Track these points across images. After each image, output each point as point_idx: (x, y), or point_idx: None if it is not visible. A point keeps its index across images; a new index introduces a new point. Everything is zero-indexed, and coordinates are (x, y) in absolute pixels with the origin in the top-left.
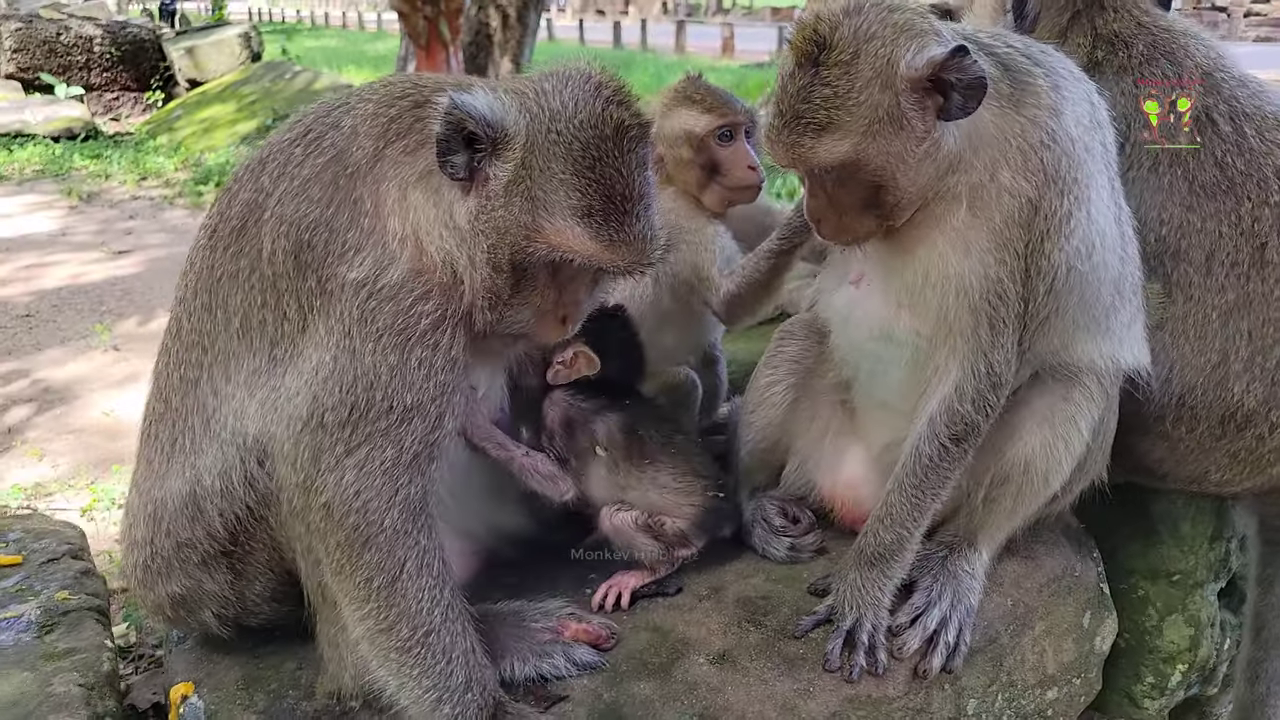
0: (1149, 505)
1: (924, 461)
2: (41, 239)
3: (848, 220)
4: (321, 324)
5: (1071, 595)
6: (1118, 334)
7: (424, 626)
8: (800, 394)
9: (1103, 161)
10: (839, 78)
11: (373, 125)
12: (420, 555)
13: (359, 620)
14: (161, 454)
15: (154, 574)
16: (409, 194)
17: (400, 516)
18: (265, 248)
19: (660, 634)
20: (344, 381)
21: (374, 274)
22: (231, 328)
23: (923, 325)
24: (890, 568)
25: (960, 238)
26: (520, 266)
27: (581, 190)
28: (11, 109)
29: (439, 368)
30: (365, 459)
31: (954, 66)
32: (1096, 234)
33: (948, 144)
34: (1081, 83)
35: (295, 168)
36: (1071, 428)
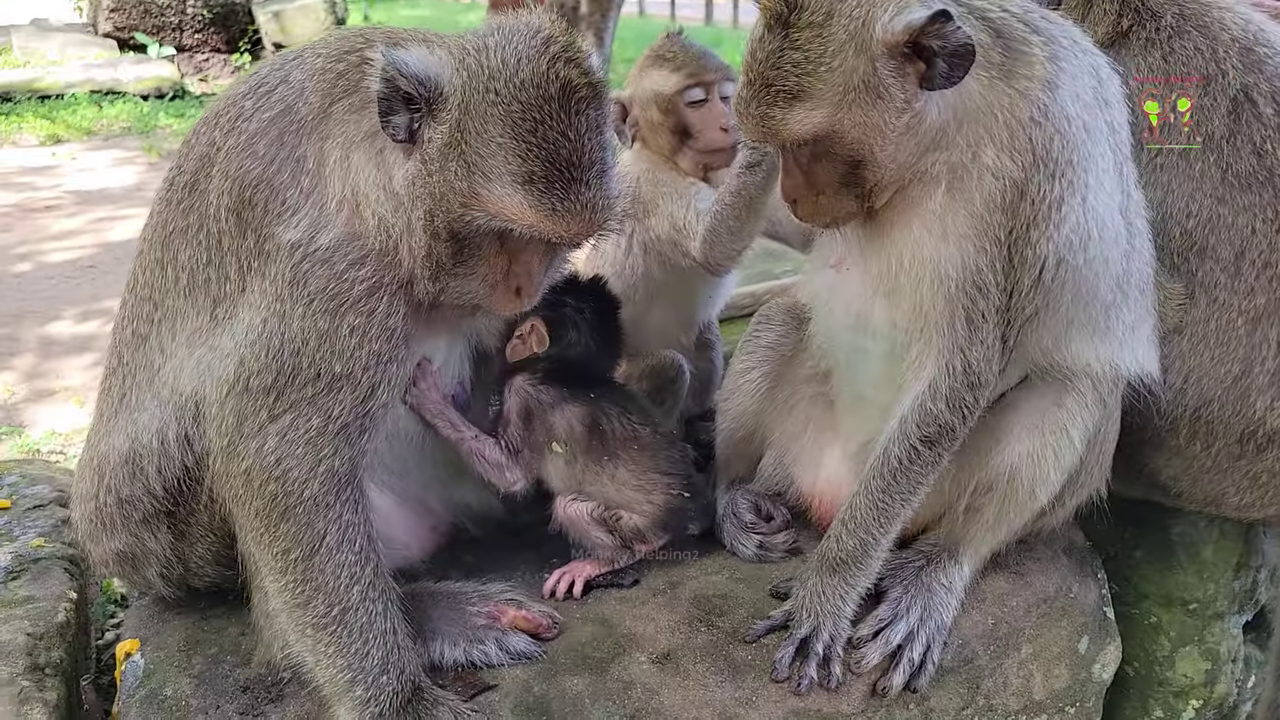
0: (1168, 526)
1: (892, 464)
2: (117, 193)
3: (825, 200)
4: (256, 285)
5: (1065, 617)
6: (1119, 336)
7: (340, 603)
8: (777, 383)
9: (1107, 144)
10: (810, 40)
11: (320, 80)
12: (342, 530)
13: (277, 592)
14: (111, 408)
15: (98, 529)
16: (352, 154)
17: (322, 488)
18: (212, 203)
19: (606, 627)
20: (271, 346)
21: (309, 235)
22: (180, 285)
23: (899, 316)
24: (853, 575)
25: (938, 221)
26: (460, 235)
27: (522, 155)
28: (106, 66)
29: (372, 336)
30: (289, 426)
31: (935, 32)
32: (1094, 224)
33: (931, 116)
34: (1088, 55)
35: (244, 122)
36: (1062, 437)
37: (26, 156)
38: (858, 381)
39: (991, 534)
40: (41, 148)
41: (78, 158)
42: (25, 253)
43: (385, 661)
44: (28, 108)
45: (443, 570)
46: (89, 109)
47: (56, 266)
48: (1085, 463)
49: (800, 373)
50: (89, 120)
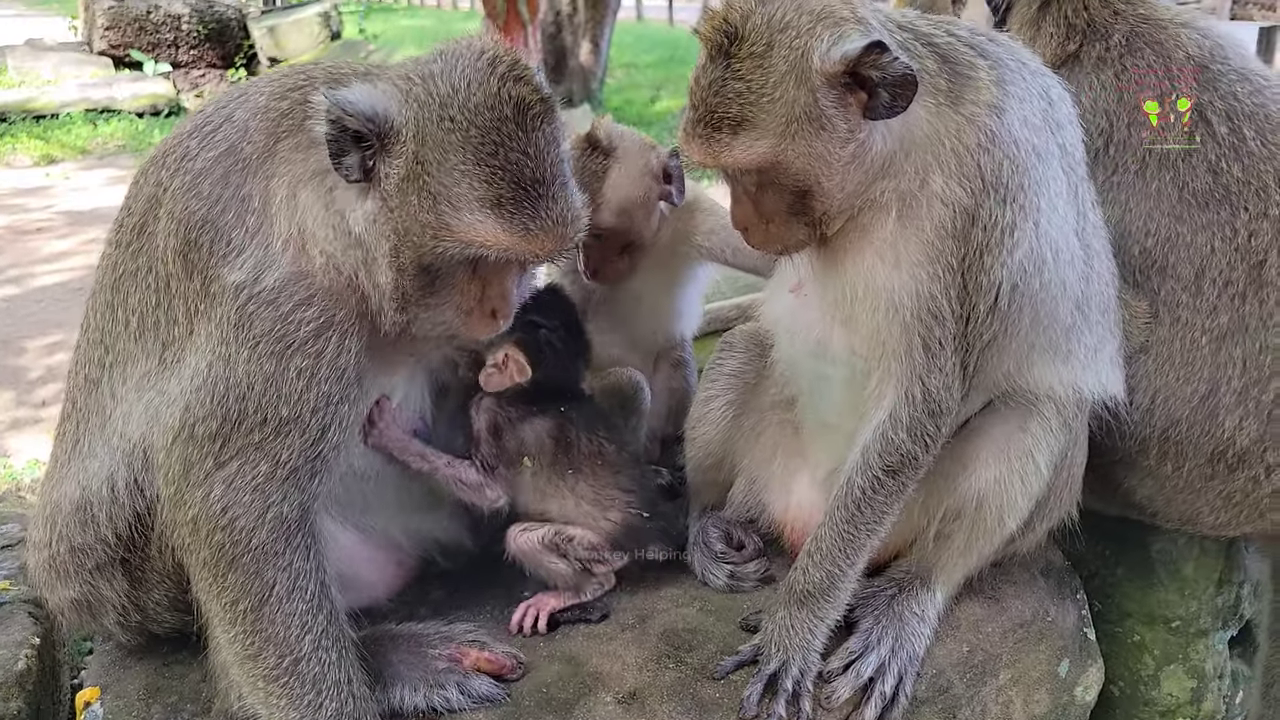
0: (1148, 543)
1: (856, 494)
2: (109, 214)
3: (775, 228)
4: (203, 329)
5: (1044, 641)
6: (1081, 359)
7: (291, 654)
8: (742, 410)
9: (1060, 165)
10: (751, 71)
11: (264, 119)
12: (292, 578)
13: (227, 643)
14: (64, 454)
15: (53, 577)
16: (299, 193)
17: (270, 536)
18: (159, 245)
19: (573, 666)
20: (216, 391)
21: (254, 276)
22: (130, 328)
23: (858, 343)
24: (821, 608)
25: (890, 249)
26: (430, 267)
27: (487, 180)
28: (101, 85)
29: (321, 378)
30: (235, 474)
31: (872, 62)
32: (1048, 247)
33: (876, 145)
34: (1038, 77)
35: (189, 161)
36: (1028, 462)
37: (20, 178)
38: (821, 408)
39: (962, 560)
40: (35, 168)
41: (71, 177)
42: (15, 276)
43: (339, 713)
44: (22, 128)
45: (410, 607)
46: (84, 128)
47: (46, 290)
48: (1053, 487)
49: (765, 399)
50: (83, 139)
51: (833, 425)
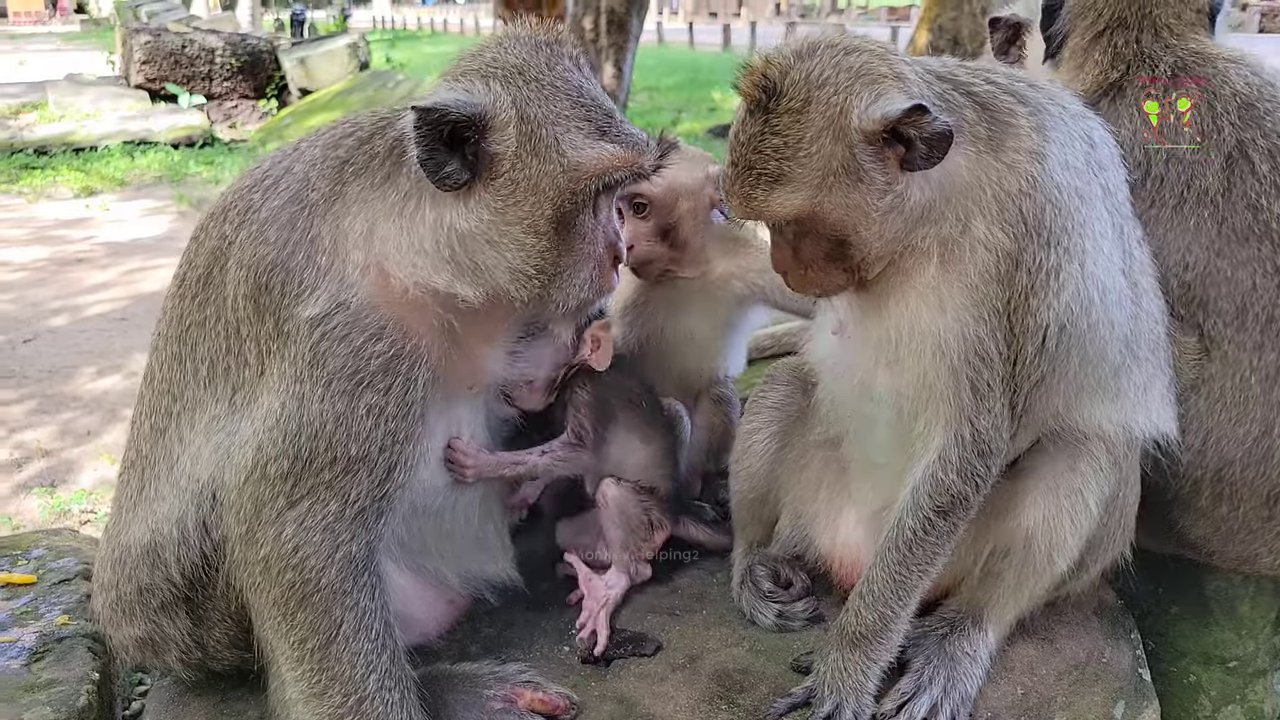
0: (1203, 582)
1: (907, 535)
2: (148, 243)
3: (813, 274)
4: (276, 368)
5: (1099, 683)
6: (1131, 398)
7: (357, 694)
8: (786, 442)
9: (1103, 206)
10: (789, 127)
11: (324, 167)
12: (359, 617)
13: (294, 681)
14: (130, 500)
15: (119, 616)
16: (377, 227)
17: (339, 575)
18: (229, 294)
19: (625, 706)
20: (288, 430)
21: (328, 309)
22: (199, 376)
23: (903, 385)
24: (874, 649)
25: (934, 294)
26: (566, 219)
27: (586, 117)
28: (138, 117)
29: (389, 415)
30: (306, 513)
31: (911, 122)
32: (1095, 288)
33: (914, 195)
34: (1079, 120)
35: (253, 213)
36: (1078, 501)
37: (61, 209)
38: (867, 447)
39: (1014, 599)
40: (75, 200)
41: (110, 209)
42: (59, 307)
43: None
44: (63, 160)
45: (461, 645)
46: (122, 160)
47: (89, 320)
48: (1105, 526)
49: (810, 434)
50: (122, 171)
51: (879, 464)
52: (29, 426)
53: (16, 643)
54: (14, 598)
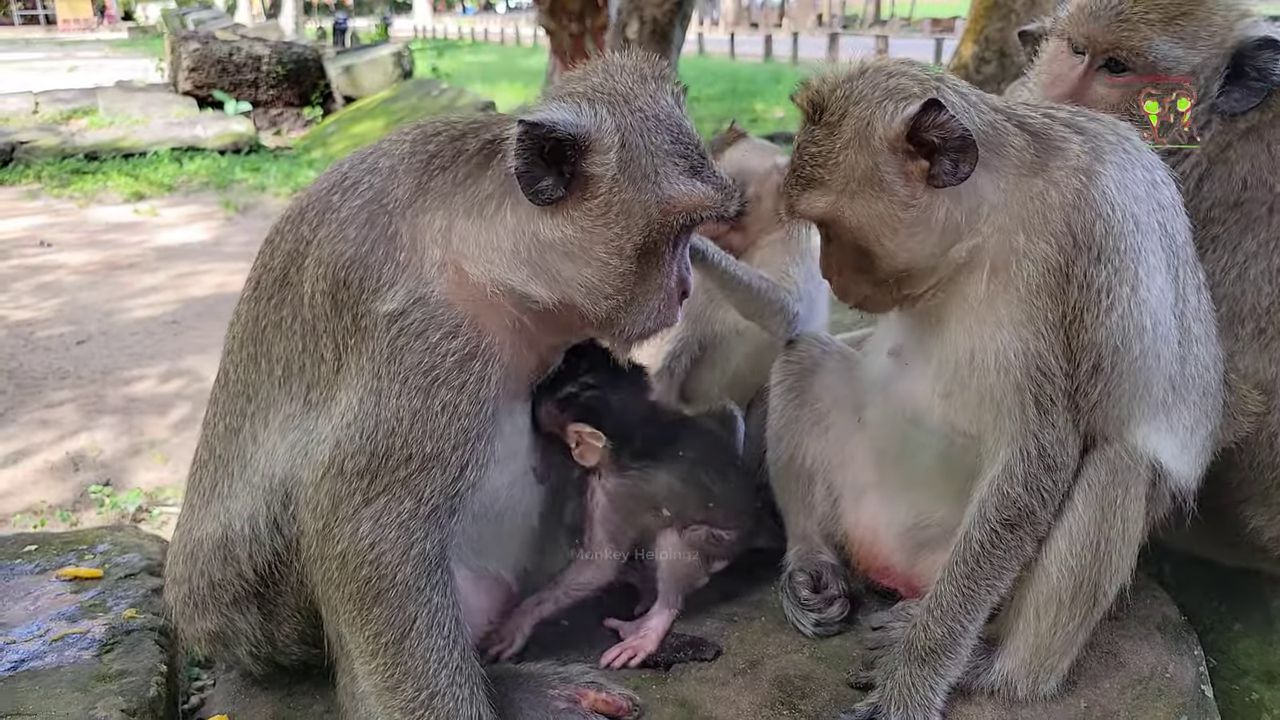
0: (1267, 599)
1: (974, 549)
2: (196, 249)
3: (846, 280)
4: (354, 363)
5: (1162, 698)
6: (1180, 436)
7: (429, 688)
8: (801, 397)
9: (1159, 243)
10: (825, 137)
11: (411, 163)
12: (432, 613)
13: (367, 675)
14: (202, 498)
15: (191, 609)
16: (456, 224)
17: (414, 572)
18: (306, 292)
19: (687, 709)
20: (365, 427)
21: (406, 305)
22: (274, 376)
23: (959, 418)
24: (943, 665)
25: (989, 311)
26: (648, 249)
27: (683, 154)
28: (186, 124)
29: (463, 412)
30: (382, 510)
31: (930, 124)
32: (1146, 316)
33: (940, 212)
34: (1141, 154)
35: (332, 213)
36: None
37: (111, 214)
38: (910, 468)
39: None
40: (125, 204)
41: (159, 214)
42: (110, 309)
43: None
44: (113, 166)
45: (524, 648)
46: (170, 166)
47: (140, 322)
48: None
49: (825, 394)
50: (170, 176)
51: (919, 483)
52: (83, 427)
53: (87, 634)
54: (82, 591)
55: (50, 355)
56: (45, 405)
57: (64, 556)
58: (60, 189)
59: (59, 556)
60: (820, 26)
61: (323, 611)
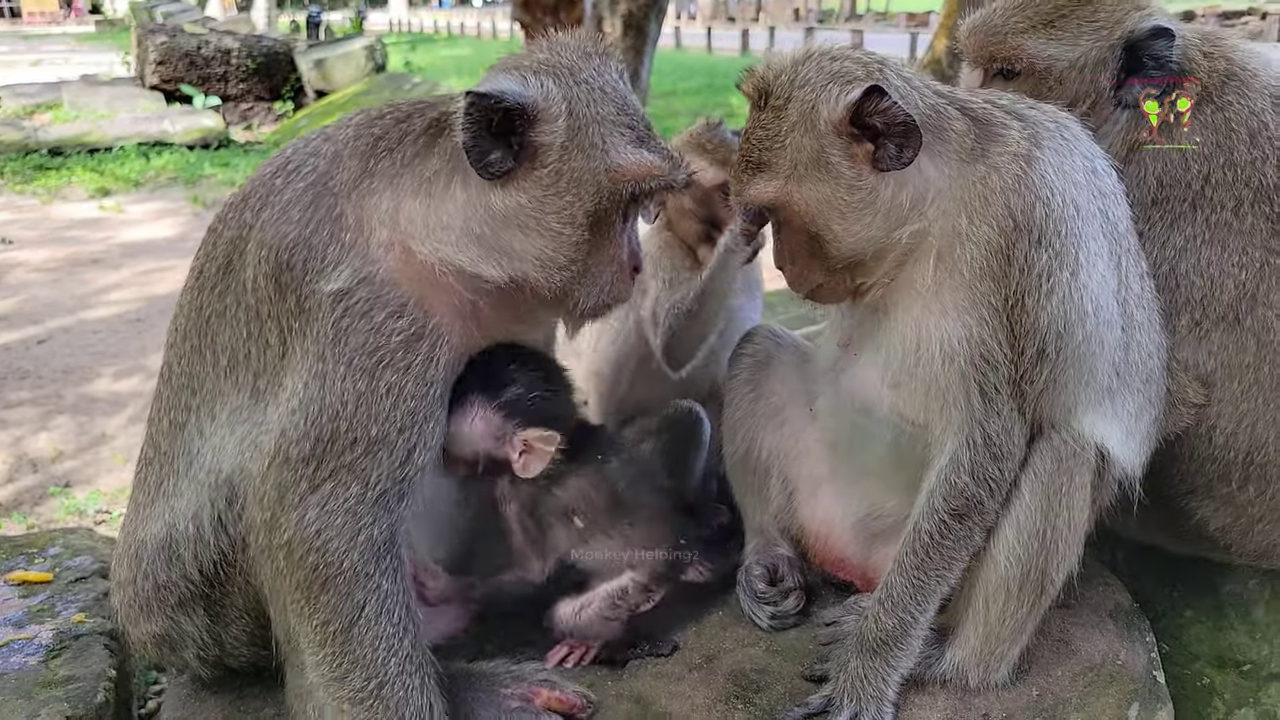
0: (1217, 585)
1: (924, 539)
2: (161, 245)
3: (799, 268)
4: (298, 347)
5: (1114, 684)
6: (1124, 422)
7: (377, 677)
8: (757, 389)
9: (1100, 229)
10: (771, 122)
11: (356, 146)
12: (381, 600)
13: (315, 666)
14: (147, 497)
15: (136, 612)
16: (403, 204)
17: (361, 558)
18: (249, 277)
19: (641, 706)
20: (310, 412)
21: (351, 284)
22: (219, 366)
23: (905, 407)
24: (895, 656)
25: (935, 299)
26: (599, 218)
27: (629, 124)
28: (153, 119)
29: (409, 394)
30: (329, 496)
31: (873, 109)
32: (1088, 301)
33: (886, 195)
34: (1081, 143)
35: (275, 196)
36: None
37: (75, 210)
38: (862, 457)
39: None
40: (90, 200)
41: (125, 210)
42: (73, 307)
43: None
44: (78, 161)
45: (478, 644)
46: (136, 161)
47: (104, 321)
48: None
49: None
50: (136, 172)
51: (870, 473)
52: (43, 427)
53: (34, 640)
54: (30, 595)
55: (10, 354)
56: (4, 405)
57: (13, 560)
58: (23, 185)
59: (8, 560)
60: (796, 21)
61: (271, 608)
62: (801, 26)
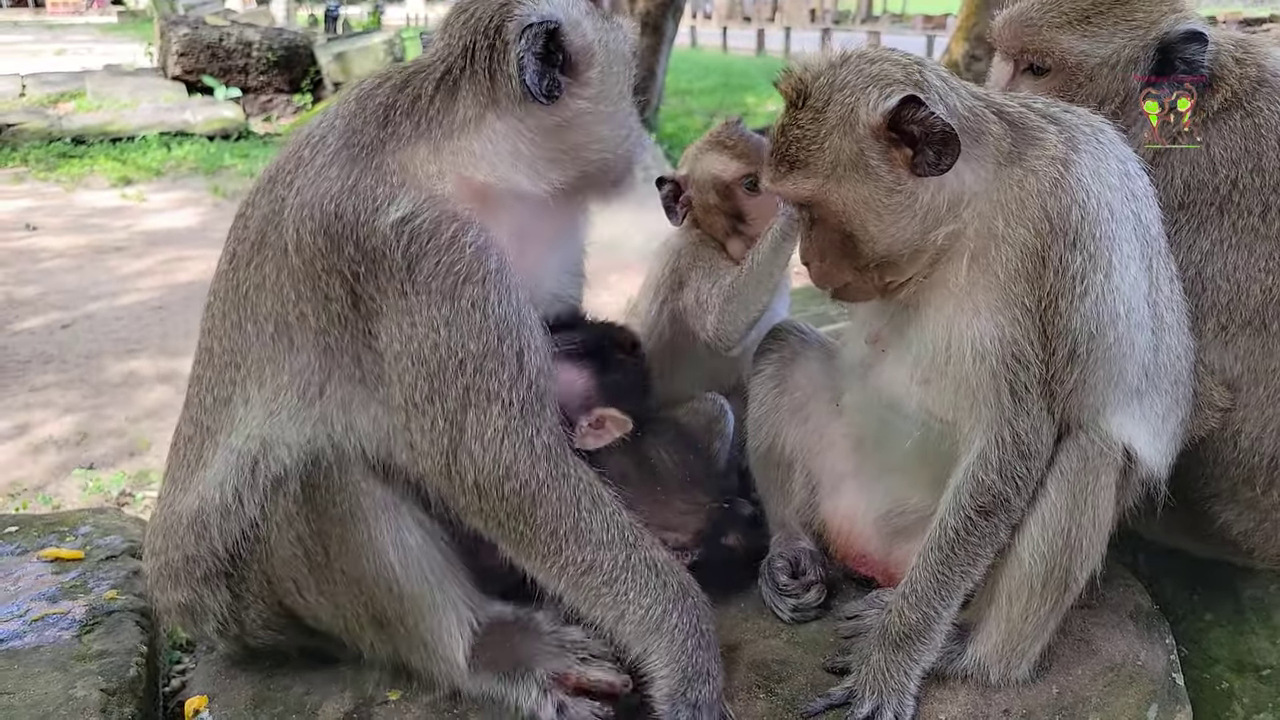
0: (1238, 589)
1: (949, 535)
2: (182, 234)
3: (828, 265)
4: (371, 290)
5: (1133, 685)
6: (1152, 424)
7: (623, 550)
8: (782, 385)
9: (1133, 232)
10: (810, 123)
11: (367, 116)
12: (587, 488)
13: (560, 573)
14: (186, 472)
15: (165, 580)
16: (443, 147)
17: (549, 463)
18: (290, 241)
19: None
20: (411, 350)
21: (414, 209)
22: (265, 335)
23: (935, 405)
24: (917, 650)
25: (968, 298)
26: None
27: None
28: (175, 109)
29: (493, 303)
30: (481, 426)
31: (910, 117)
32: (1120, 303)
33: (924, 198)
34: (1115, 146)
35: (306, 166)
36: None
37: (98, 198)
38: (887, 453)
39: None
40: (112, 189)
41: (146, 199)
42: (97, 294)
43: (681, 586)
44: (100, 150)
45: None
46: (158, 151)
47: (126, 307)
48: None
49: (807, 382)
50: (158, 161)
51: (895, 469)
52: (67, 411)
53: (67, 615)
54: (63, 572)
55: (35, 339)
56: (29, 389)
57: (45, 538)
58: (47, 172)
59: (40, 538)
60: (813, 22)
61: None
62: (818, 27)
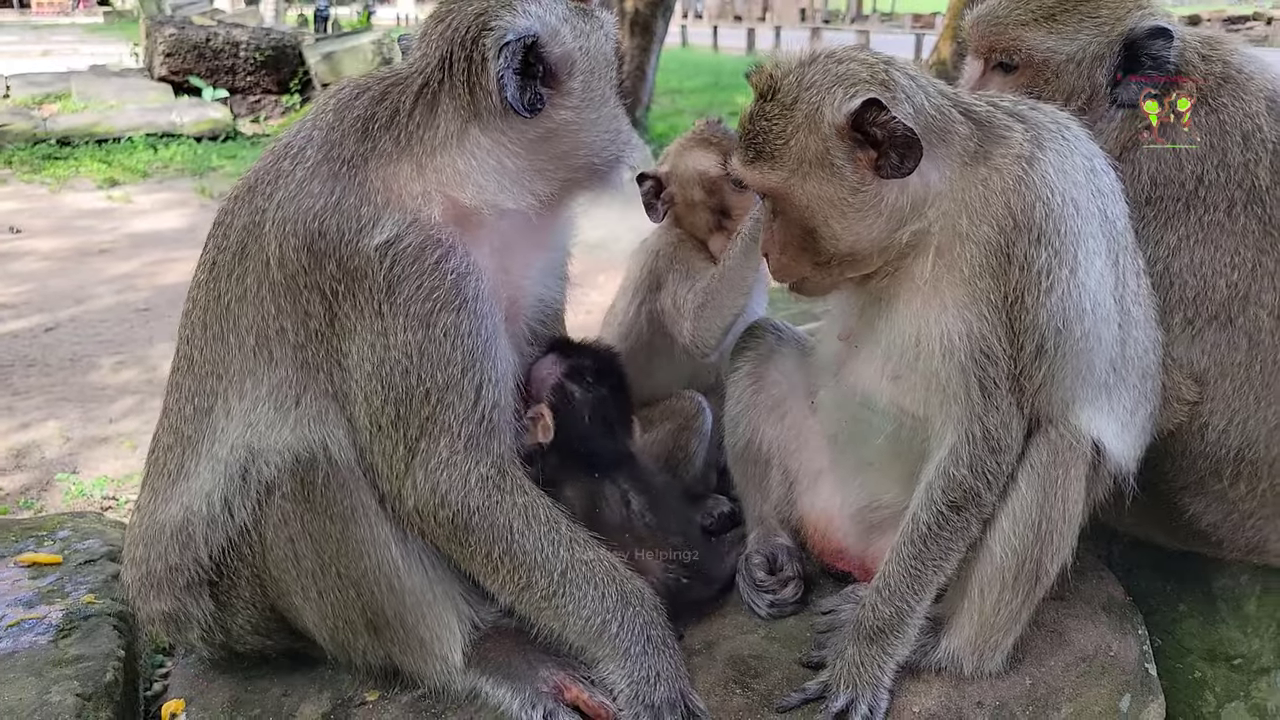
0: (1210, 579)
1: (921, 530)
2: (169, 236)
3: (787, 259)
4: (349, 310)
5: (1106, 676)
6: (1120, 418)
7: (556, 569)
8: (759, 381)
9: (1099, 228)
10: (778, 118)
11: (345, 128)
12: (522, 511)
13: (502, 588)
14: (166, 481)
15: (147, 590)
16: (426, 165)
17: (483, 494)
18: (272, 255)
19: None
20: (381, 374)
21: (399, 232)
22: (246, 347)
23: (905, 400)
24: (891, 644)
25: (935, 295)
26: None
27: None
28: (162, 110)
29: (465, 331)
30: (427, 454)
31: (872, 120)
32: (1086, 299)
33: (889, 198)
34: (1081, 143)
35: (286, 178)
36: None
37: (84, 200)
38: (861, 449)
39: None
40: (98, 190)
41: (133, 200)
42: (81, 296)
43: (622, 595)
44: (86, 152)
45: None
46: (145, 152)
47: (112, 310)
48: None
49: (783, 380)
50: (144, 163)
51: (870, 464)
52: (50, 415)
53: (44, 619)
54: (40, 576)
55: (18, 342)
56: (12, 393)
57: (23, 542)
58: (32, 174)
59: (18, 542)
60: (803, 21)
61: None
62: (808, 26)
